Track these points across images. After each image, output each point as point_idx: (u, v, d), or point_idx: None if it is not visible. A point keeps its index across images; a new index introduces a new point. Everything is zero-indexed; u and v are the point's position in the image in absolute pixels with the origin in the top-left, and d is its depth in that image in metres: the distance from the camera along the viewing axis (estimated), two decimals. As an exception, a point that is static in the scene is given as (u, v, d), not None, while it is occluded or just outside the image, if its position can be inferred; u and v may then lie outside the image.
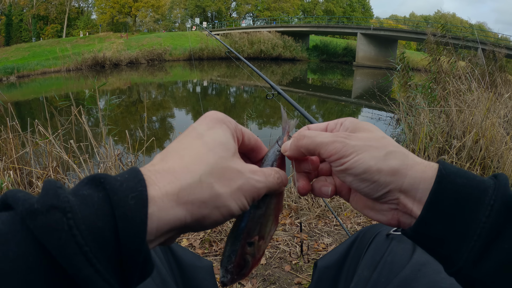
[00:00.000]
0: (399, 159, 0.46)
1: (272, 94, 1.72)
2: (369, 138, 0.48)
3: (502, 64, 9.31)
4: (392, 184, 0.45)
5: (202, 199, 0.39)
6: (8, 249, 0.29)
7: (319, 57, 44.15)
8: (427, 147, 5.23)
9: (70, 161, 3.39)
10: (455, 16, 74.39)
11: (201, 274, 0.88)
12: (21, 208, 0.31)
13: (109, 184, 0.35)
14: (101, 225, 0.32)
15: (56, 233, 0.30)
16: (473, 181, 0.43)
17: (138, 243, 0.34)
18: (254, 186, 0.44)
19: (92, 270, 0.31)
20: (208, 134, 0.45)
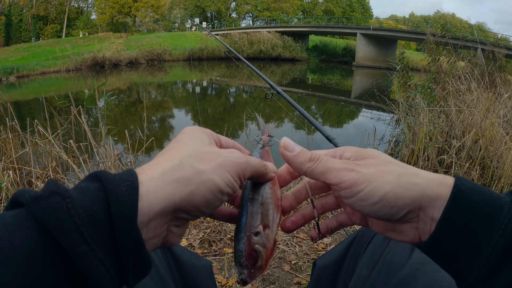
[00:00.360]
0: (413, 179, 0.46)
1: (271, 93, 1.72)
2: (378, 164, 0.48)
3: (502, 64, 9.32)
4: (411, 205, 0.45)
5: (185, 176, 0.42)
6: (14, 238, 0.32)
7: (319, 57, 44.13)
8: (427, 147, 5.23)
9: (69, 161, 3.38)
10: (455, 16, 74.38)
11: (200, 273, 0.88)
12: (27, 197, 0.35)
13: (103, 176, 0.38)
14: (96, 209, 0.36)
15: (55, 212, 0.33)
16: (489, 198, 0.42)
17: (129, 225, 0.36)
18: (235, 161, 0.46)
19: (87, 248, 0.34)
20: (185, 137, 0.49)
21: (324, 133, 1.42)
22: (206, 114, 12.59)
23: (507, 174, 4.43)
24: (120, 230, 0.36)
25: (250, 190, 0.52)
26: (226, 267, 2.70)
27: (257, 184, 0.52)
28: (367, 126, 8.55)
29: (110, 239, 0.36)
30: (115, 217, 0.36)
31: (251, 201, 0.51)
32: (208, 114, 12.81)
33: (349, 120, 13.16)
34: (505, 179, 4.44)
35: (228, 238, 3.10)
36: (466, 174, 4.72)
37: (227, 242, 3.05)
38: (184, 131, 0.52)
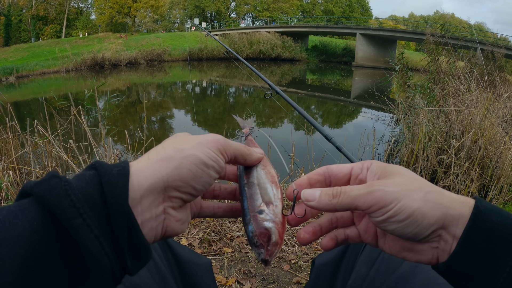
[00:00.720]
0: (438, 197, 0.46)
1: (270, 93, 1.73)
2: (404, 183, 0.48)
3: (501, 64, 9.32)
4: (435, 224, 0.46)
5: (168, 155, 0.46)
6: (17, 220, 0.35)
7: (318, 58, 44.13)
8: (426, 147, 5.24)
9: (69, 161, 3.39)
10: (454, 17, 74.38)
11: (200, 271, 0.88)
12: (32, 183, 0.38)
13: (98, 164, 0.42)
14: (91, 190, 0.38)
15: (54, 191, 0.37)
16: (507, 220, 0.43)
17: (121, 203, 0.39)
18: (213, 139, 0.50)
19: (82, 221, 0.36)
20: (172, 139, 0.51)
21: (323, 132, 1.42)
22: (205, 114, 12.60)
23: (506, 174, 4.44)
24: (113, 209, 0.39)
25: (244, 176, 0.54)
26: (226, 267, 2.70)
27: (249, 169, 0.55)
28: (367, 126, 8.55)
29: (105, 218, 0.38)
30: (108, 197, 0.39)
31: (247, 185, 0.53)
32: (207, 114, 12.82)
33: (348, 120, 13.16)
34: (504, 179, 4.44)
35: (228, 238, 3.10)
36: (465, 174, 4.73)
37: (226, 241, 3.05)
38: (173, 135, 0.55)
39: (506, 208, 4.05)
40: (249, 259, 2.83)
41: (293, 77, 27.61)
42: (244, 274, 2.64)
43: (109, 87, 18.05)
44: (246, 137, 0.63)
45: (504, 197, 4.32)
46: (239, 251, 2.95)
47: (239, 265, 2.75)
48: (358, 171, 0.54)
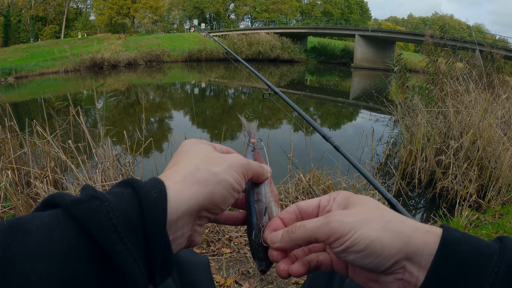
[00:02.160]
0: (399, 227, 0.45)
1: (269, 93, 1.73)
2: (364, 212, 0.47)
3: (500, 66, 9.34)
4: (397, 255, 0.44)
5: (204, 178, 0.48)
6: (53, 234, 0.35)
7: (317, 59, 44.12)
8: (425, 147, 5.25)
9: (68, 162, 3.39)
10: (453, 18, 74.50)
11: (198, 270, 0.88)
12: (67, 200, 0.38)
13: (136, 183, 0.42)
14: (131, 212, 0.40)
15: (96, 215, 0.37)
16: (478, 247, 0.42)
17: (160, 228, 0.40)
18: (239, 163, 0.52)
19: (123, 246, 0.37)
20: (190, 148, 0.55)
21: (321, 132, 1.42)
22: (204, 115, 12.59)
23: (504, 175, 4.45)
24: (152, 233, 0.40)
25: (254, 192, 0.57)
26: (224, 267, 2.70)
27: (257, 186, 0.58)
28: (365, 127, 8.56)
29: (142, 240, 0.40)
30: (147, 221, 0.40)
31: (256, 202, 0.56)
32: (206, 115, 12.81)
33: (347, 121, 13.17)
34: (503, 180, 4.45)
35: (226, 239, 3.10)
36: (464, 175, 4.73)
37: (225, 242, 3.05)
38: (185, 143, 0.57)
39: (504, 209, 4.05)
40: (248, 260, 2.83)
41: (292, 78, 27.61)
42: (242, 274, 2.64)
43: (108, 88, 18.04)
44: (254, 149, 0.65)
45: (502, 198, 4.33)
46: (238, 252, 2.95)
47: (238, 266, 2.75)
48: (325, 203, 0.54)
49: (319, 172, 4.35)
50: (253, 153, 0.64)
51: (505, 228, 3.56)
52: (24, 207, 3.10)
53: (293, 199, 3.90)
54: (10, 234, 0.34)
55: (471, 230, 3.64)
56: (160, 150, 7.28)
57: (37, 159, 4.03)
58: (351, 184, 4.42)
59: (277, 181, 4.35)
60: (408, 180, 5.20)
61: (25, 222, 0.35)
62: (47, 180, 3.49)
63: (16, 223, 0.35)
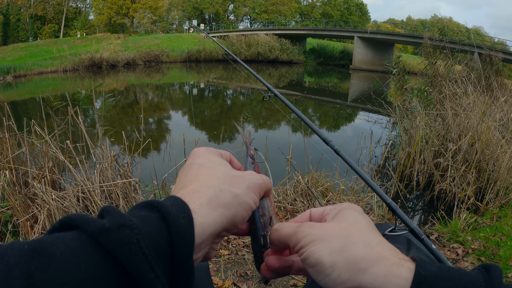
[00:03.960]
0: (360, 251, 0.42)
1: (269, 96, 1.72)
2: (334, 228, 0.46)
3: (498, 68, 9.36)
4: (348, 281, 0.41)
5: (228, 201, 0.48)
6: (80, 261, 0.34)
7: (316, 60, 44.16)
8: (423, 150, 5.25)
9: (66, 162, 3.38)
10: (452, 21, 74.66)
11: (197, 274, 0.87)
12: (92, 227, 0.37)
13: (163, 207, 0.41)
14: (160, 239, 0.39)
15: (127, 246, 0.36)
16: (459, 283, 0.37)
17: (188, 254, 0.41)
18: (257, 183, 0.53)
19: (154, 275, 0.37)
20: (206, 162, 0.54)
21: (321, 135, 1.42)
22: (203, 116, 12.59)
23: (503, 178, 4.45)
24: (180, 259, 0.40)
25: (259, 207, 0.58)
26: (223, 269, 2.70)
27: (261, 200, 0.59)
28: (364, 129, 8.58)
29: (169, 266, 0.40)
30: (176, 248, 0.40)
31: (261, 217, 0.58)
32: (205, 116, 12.81)
33: (346, 123, 13.19)
34: (501, 182, 4.46)
35: (225, 240, 3.10)
36: (462, 177, 4.74)
37: (223, 244, 3.05)
38: (198, 154, 0.56)
39: (502, 212, 4.06)
40: (246, 262, 2.83)
41: (290, 80, 27.64)
42: (240, 276, 2.64)
43: (106, 88, 18.03)
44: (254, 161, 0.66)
45: (500, 200, 4.33)
46: (236, 254, 2.94)
47: (236, 268, 2.74)
48: (327, 212, 0.54)
49: (317, 174, 4.35)
50: (253, 165, 0.66)
51: (503, 230, 3.56)
52: (22, 207, 3.09)
53: (291, 201, 3.90)
54: (33, 260, 0.32)
55: (469, 233, 3.64)
56: (158, 150, 7.28)
57: (35, 159, 4.01)
58: (349, 186, 4.42)
59: (275, 182, 4.35)
60: (406, 182, 5.20)
61: (47, 245, 0.34)
62: (45, 180, 3.48)
63: (37, 247, 0.33)
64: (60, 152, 3.49)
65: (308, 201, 3.89)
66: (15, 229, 3.11)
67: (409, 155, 5.42)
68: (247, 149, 0.68)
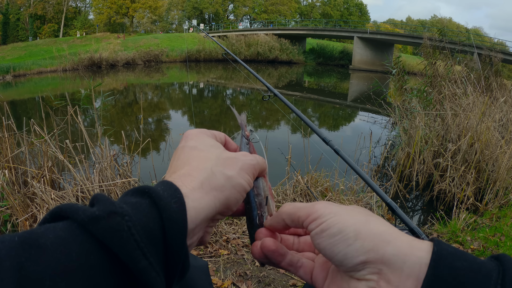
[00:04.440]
0: (383, 226, 0.42)
1: (268, 95, 1.72)
2: (353, 208, 0.46)
3: (498, 69, 9.37)
4: (371, 252, 0.40)
5: (220, 184, 0.47)
6: (70, 251, 0.34)
7: (316, 60, 44.18)
8: (422, 150, 5.25)
9: (65, 161, 3.38)
10: (452, 21, 74.69)
11: (197, 274, 0.87)
12: (82, 216, 0.36)
13: (154, 193, 0.41)
14: (152, 225, 0.38)
15: (118, 233, 0.36)
16: (474, 265, 0.38)
17: (181, 240, 0.40)
18: (250, 164, 0.52)
19: (147, 262, 0.36)
20: (198, 144, 0.54)
21: (320, 135, 1.42)
22: (202, 116, 12.59)
23: (502, 178, 4.46)
24: (173, 245, 0.39)
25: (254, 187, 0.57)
26: (222, 269, 2.70)
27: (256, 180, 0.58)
28: (363, 129, 8.58)
29: (163, 252, 0.39)
30: (169, 234, 0.39)
31: (256, 196, 0.57)
32: (204, 115, 12.81)
33: (345, 123, 13.19)
34: (500, 183, 4.46)
35: (224, 240, 3.09)
36: (461, 178, 4.74)
37: (222, 243, 3.05)
38: (191, 136, 0.56)
39: (502, 212, 4.06)
40: (245, 261, 2.82)
41: (290, 80, 27.64)
42: (240, 276, 2.63)
43: (106, 87, 18.02)
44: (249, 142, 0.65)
45: (500, 201, 4.34)
46: (235, 253, 2.94)
47: (235, 267, 2.74)
48: None
49: (317, 174, 4.35)
50: (248, 146, 0.65)
51: (502, 231, 3.56)
52: (21, 206, 3.09)
53: (291, 201, 3.90)
54: (23, 251, 0.32)
55: (469, 233, 3.64)
56: (158, 150, 7.27)
57: (34, 159, 4.01)
58: (349, 186, 4.42)
59: (275, 182, 4.35)
60: (406, 183, 5.20)
61: (37, 237, 0.34)
62: (44, 179, 3.48)
63: (28, 239, 0.33)
64: (59, 152, 3.49)
65: (307, 201, 3.88)
66: (14, 229, 3.11)
67: (409, 155, 5.42)
68: (242, 130, 0.68)
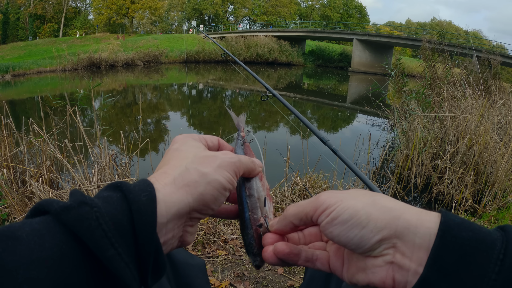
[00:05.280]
0: (389, 203, 0.44)
1: (267, 95, 1.73)
2: (356, 191, 0.47)
3: (497, 71, 9.38)
4: (385, 230, 0.42)
5: (194, 180, 0.47)
6: (44, 241, 0.35)
7: (315, 62, 44.21)
8: (421, 152, 5.26)
9: (64, 161, 3.37)
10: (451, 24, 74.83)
11: (194, 272, 0.88)
12: (56, 206, 0.38)
13: (125, 187, 0.42)
14: (121, 217, 0.39)
15: (86, 221, 0.37)
16: (479, 234, 0.39)
17: (150, 231, 0.40)
18: (230, 161, 0.52)
19: (115, 252, 0.37)
20: (181, 146, 0.55)
21: (318, 135, 1.42)
22: (201, 117, 12.58)
23: (500, 180, 4.46)
24: (142, 237, 0.40)
25: (245, 187, 0.57)
26: (220, 269, 2.70)
27: (248, 180, 0.58)
28: (362, 130, 8.58)
29: (133, 245, 0.40)
30: (137, 225, 0.40)
31: (248, 197, 0.56)
32: (203, 117, 12.80)
33: (344, 124, 13.19)
34: (498, 185, 4.46)
35: (222, 241, 3.09)
36: (460, 180, 4.74)
37: (220, 244, 3.05)
38: (177, 140, 0.57)
39: (500, 214, 4.07)
40: (243, 262, 2.82)
41: (289, 81, 27.65)
42: (237, 277, 2.63)
43: (105, 88, 18.01)
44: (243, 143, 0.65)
45: (498, 203, 4.34)
46: (233, 254, 2.94)
47: (233, 268, 2.74)
48: None
49: (315, 175, 4.35)
50: (243, 146, 0.64)
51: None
52: (19, 205, 3.09)
53: (289, 202, 3.90)
54: (1, 243, 0.33)
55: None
56: (156, 151, 7.27)
57: (32, 158, 4.01)
58: (347, 188, 4.42)
59: (273, 183, 4.35)
60: (404, 185, 5.21)
61: (15, 230, 0.35)
62: (42, 179, 3.48)
63: (6, 231, 0.35)
64: (58, 151, 3.48)
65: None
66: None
67: (407, 157, 5.43)
68: (239, 131, 0.67)
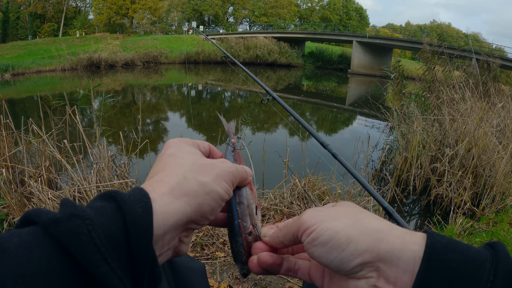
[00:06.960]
0: (373, 223, 0.42)
1: (267, 99, 1.73)
2: (337, 210, 0.46)
3: (496, 74, 9.39)
4: (366, 253, 0.40)
5: (192, 190, 0.46)
6: (32, 254, 0.33)
7: (314, 64, 44.25)
8: (420, 155, 5.26)
9: (63, 161, 3.37)
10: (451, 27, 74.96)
11: (194, 276, 0.87)
12: (44, 219, 0.36)
13: (119, 197, 0.40)
14: (114, 230, 0.37)
15: (77, 236, 0.35)
16: (468, 255, 0.38)
17: (146, 244, 0.38)
18: (228, 171, 0.51)
19: (108, 268, 0.35)
20: (175, 151, 0.52)
21: (318, 139, 1.42)
22: (200, 118, 12.58)
23: (499, 183, 4.47)
24: (137, 250, 0.38)
25: (235, 195, 0.56)
26: (218, 271, 2.69)
27: (239, 188, 0.57)
28: (361, 133, 8.58)
29: (127, 258, 0.38)
30: (132, 238, 0.38)
31: (239, 205, 0.56)
32: (202, 117, 12.80)
33: (343, 126, 13.20)
34: (497, 188, 4.47)
35: (220, 242, 3.09)
36: (458, 183, 4.75)
37: (219, 246, 3.04)
38: (170, 144, 0.55)
39: (498, 217, 4.07)
40: (242, 264, 2.82)
41: (288, 83, 27.67)
42: (236, 279, 2.63)
43: (104, 88, 18.00)
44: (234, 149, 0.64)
45: (496, 206, 4.34)
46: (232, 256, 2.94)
47: (232, 270, 2.74)
48: None
49: (314, 177, 4.35)
50: (233, 153, 0.63)
51: (499, 236, 3.57)
52: (18, 206, 3.08)
53: (288, 204, 3.90)
54: None
55: (465, 238, 3.65)
56: (155, 151, 7.26)
57: (31, 158, 4.00)
58: (346, 190, 4.42)
59: (272, 185, 4.35)
60: (403, 187, 5.21)
61: (3, 241, 0.33)
62: (41, 179, 3.47)
63: None
64: (57, 151, 3.48)
65: (304, 204, 3.88)
66: (11, 228, 3.09)
67: (406, 160, 5.43)
68: (229, 138, 0.66)
